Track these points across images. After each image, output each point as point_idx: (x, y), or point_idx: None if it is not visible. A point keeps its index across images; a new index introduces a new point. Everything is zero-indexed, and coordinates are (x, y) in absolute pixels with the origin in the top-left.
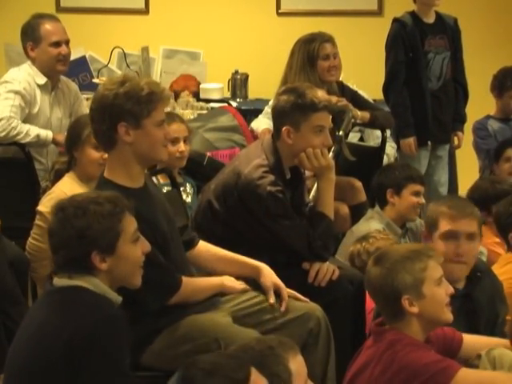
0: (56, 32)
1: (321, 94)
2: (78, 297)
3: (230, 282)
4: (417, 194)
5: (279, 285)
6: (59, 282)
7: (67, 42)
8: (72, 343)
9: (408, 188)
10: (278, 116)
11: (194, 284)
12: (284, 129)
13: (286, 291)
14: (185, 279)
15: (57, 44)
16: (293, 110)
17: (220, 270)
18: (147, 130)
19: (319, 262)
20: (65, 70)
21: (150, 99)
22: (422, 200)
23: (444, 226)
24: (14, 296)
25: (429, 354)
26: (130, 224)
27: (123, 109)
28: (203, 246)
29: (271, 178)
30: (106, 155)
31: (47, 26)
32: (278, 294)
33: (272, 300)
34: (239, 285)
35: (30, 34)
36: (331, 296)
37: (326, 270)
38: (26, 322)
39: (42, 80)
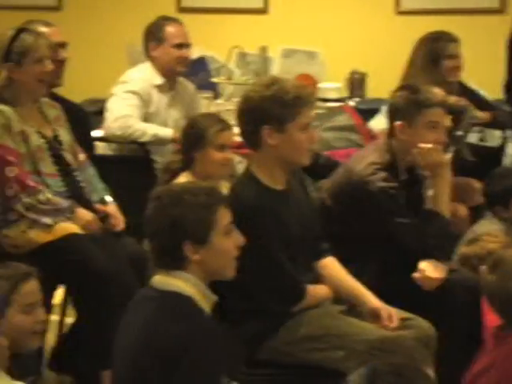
0: (179, 34)
1: (436, 91)
2: (170, 305)
3: None
4: None
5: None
6: (158, 282)
7: (189, 46)
8: (163, 353)
9: None
10: (393, 113)
11: (316, 292)
12: (398, 124)
13: (387, 311)
14: (309, 288)
15: (179, 46)
16: (407, 106)
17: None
18: (291, 134)
19: (427, 262)
20: (184, 71)
21: (296, 103)
22: None
23: None
24: (133, 293)
25: None
26: (224, 216)
27: (267, 112)
28: (331, 264)
29: (383, 174)
30: (229, 156)
31: (171, 28)
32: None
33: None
34: None
35: (154, 34)
36: (443, 304)
37: (432, 273)
38: (129, 319)
39: (160, 80)
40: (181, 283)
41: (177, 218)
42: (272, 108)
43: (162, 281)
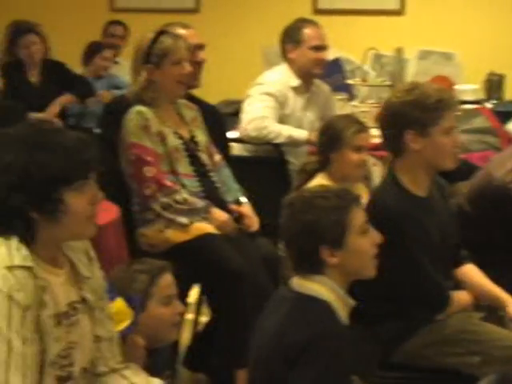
0: (317, 37)
1: None
2: (305, 307)
3: None
4: None
5: None
6: (296, 284)
7: (326, 48)
8: (293, 354)
9: None
10: None
11: (459, 299)
12: None
13: None
14: (453, 295)
15: (317, 48)
16: None
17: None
18: (434, 138)
19: None
20: (320, 73)
21: (438, 107)
22: None
23: None
24: (266, 293)
25: None
26: (358, 216)
27: (410, 117)
28: (469, 271)
29: None
30: (365, 157)
31: (309, 30)
32: None
33: None
34: None
35: (292, 36)
36: None
37: None
38: (264, 319)
39: (296, 82)
40: (318, 287)
41: (310, 223)
42: (414, 112)
43: (300, 284)
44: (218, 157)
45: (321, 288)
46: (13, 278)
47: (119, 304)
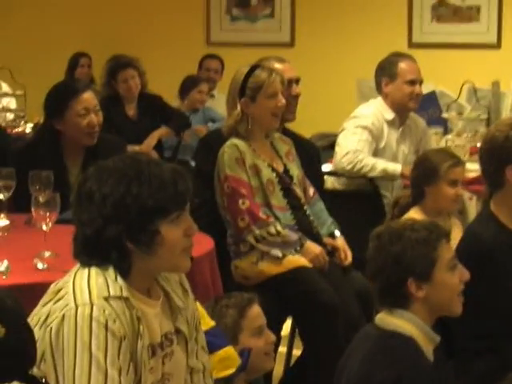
0: (412, 71)
1: None
2: (389, 344)
3: None
4: None
5: None
6: (379, 320)
7: (421, 83)
8: None
9: None
10: None
11: None
12: None
13: None
14: None
15: (412, 82)
16: None
17: None
18: None
19: None
20: (416, 107)
21: None
22: None
23: None
24: (359, 328)
25: None
26: (447, 251)
27: None
28: None
29: None
30: (461, 192)
31: (404, 65)
32: None
33: None
34: None
35: (387, 70)
36: None
37: None
38: (350, 354)
39: (391, 116)
40: (402, 323)
41: (398, 254)
42: None
43: (384, 319)
44: (311, 190)
45: (405, 323)
46: (109, 309)
47: (230, 351)
